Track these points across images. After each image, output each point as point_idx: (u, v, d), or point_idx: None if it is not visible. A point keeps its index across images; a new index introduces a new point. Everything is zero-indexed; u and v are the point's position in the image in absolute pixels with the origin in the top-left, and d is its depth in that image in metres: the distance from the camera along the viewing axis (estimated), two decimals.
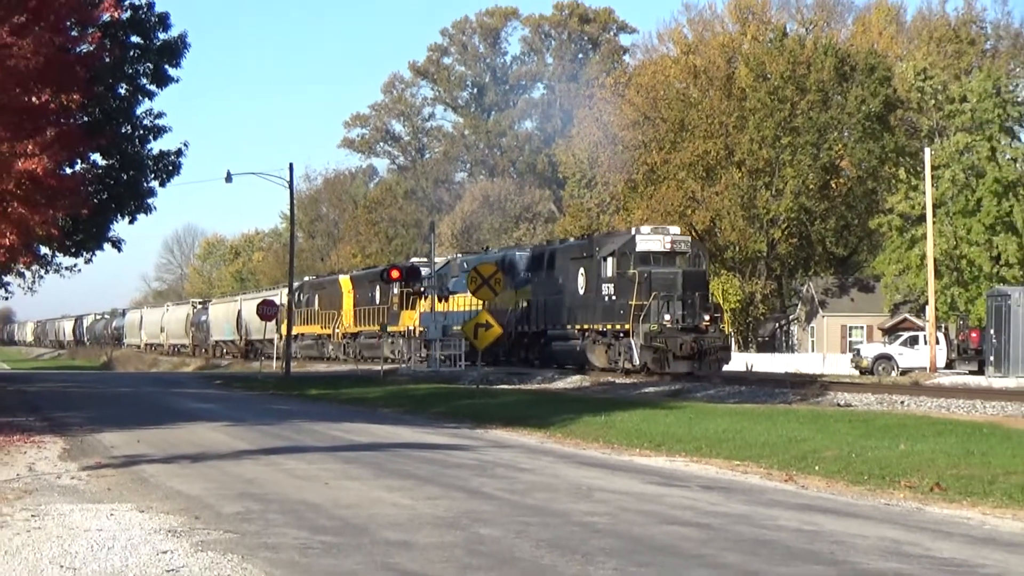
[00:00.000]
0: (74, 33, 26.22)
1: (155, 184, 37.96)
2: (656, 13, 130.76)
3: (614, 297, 32.12)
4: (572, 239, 45.06)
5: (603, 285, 32.89)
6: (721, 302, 50.08)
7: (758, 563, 8.93)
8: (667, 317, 30.65)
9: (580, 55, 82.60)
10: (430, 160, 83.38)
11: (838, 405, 26.91)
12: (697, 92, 57.28)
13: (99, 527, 11.07)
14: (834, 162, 56.23)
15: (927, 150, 44.80)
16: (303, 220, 71.54)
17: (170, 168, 37.73)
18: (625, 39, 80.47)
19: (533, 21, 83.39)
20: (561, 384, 38.30)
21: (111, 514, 12.08)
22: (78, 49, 26.67)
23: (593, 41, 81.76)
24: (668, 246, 32.38)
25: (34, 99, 22.33)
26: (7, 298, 55.60)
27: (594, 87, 68.69)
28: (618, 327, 31.54)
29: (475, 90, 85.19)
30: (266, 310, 51.97)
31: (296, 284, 56.52)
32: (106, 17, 28.99)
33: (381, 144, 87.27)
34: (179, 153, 37.62)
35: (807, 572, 8.76)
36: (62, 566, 8.94)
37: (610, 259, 32.52)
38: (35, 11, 21.16)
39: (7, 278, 39.05)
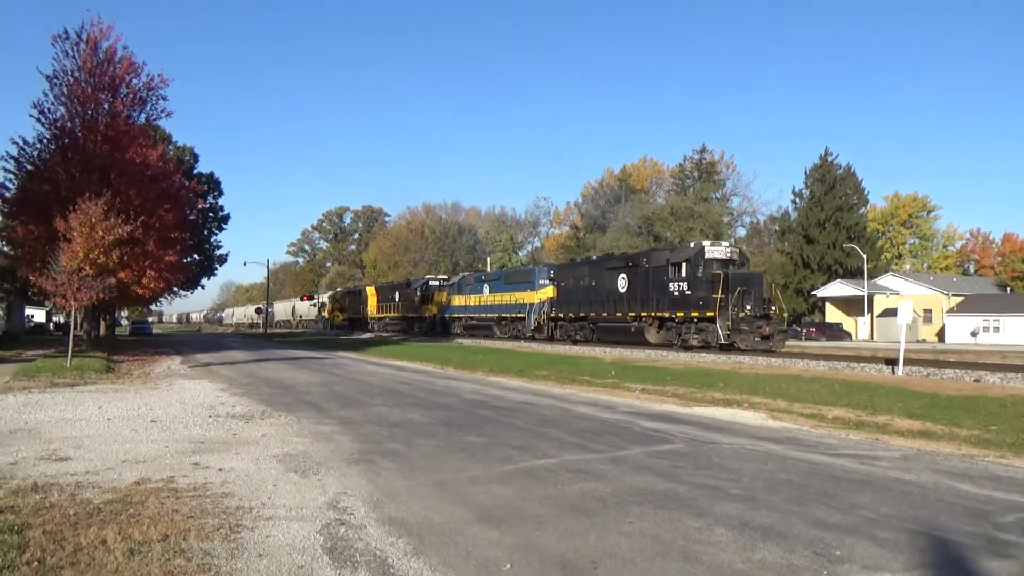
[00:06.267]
0: (188, 210, 37.29)
1: (217, 266, 67.09)
2: (398, 207, 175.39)
3: (688, 292, 30.36)
4: (595, 256, 45.22)
5: (671, 284, 31.13)
6: None
7: (433, 397, 15.99)
8: (748, 307, 28.71)
9: (373, 223, 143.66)
10: (318, 258, 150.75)
11: (460, 343, 42.19)
12: (413, 238, 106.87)
13: (195, 389, 17.48)
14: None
15: (487, 258, 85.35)
16: (273, 280, 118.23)
17: (222, 260, 67.41)
18: (387, 218, 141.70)
19: (356, 212, 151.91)
20: (366, 335, 59.01)
21: (199, 384, 18.56)
22: (189, 217, 39.37)
23: (376, 219, 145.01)
24: (728, 254, 30.78)
25: (172, 235, 31.50)
26: (159, 307, 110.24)
27: (377, 235, 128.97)
28: (694, 315, 29.90)
29: (334, 235, 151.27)
30: (259, 309, 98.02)
31: (340, 289, 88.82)
32: (201, 205, 47.33)
33: (302, 252, 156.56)
34: (227, 255, 67.99)
35: (446, 400, 15.59)
36: (181, 403, 15.27)
37: (684, 264, 30.67)
38: (173, 202, 31.04)
39: (161, 300, 66.62)
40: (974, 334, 61.12)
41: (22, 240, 30.16)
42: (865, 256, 65.42)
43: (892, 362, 21.73)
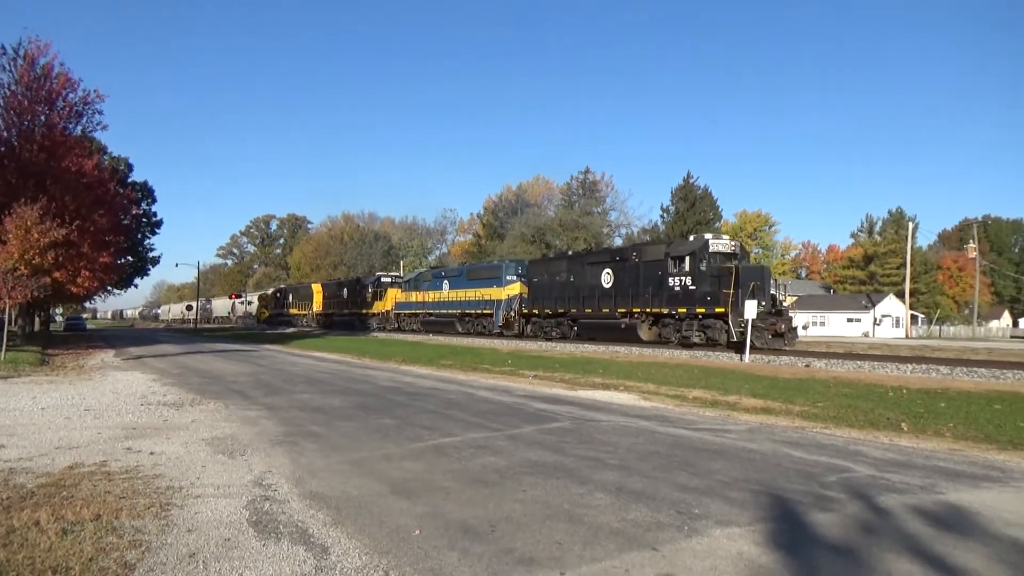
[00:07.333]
0: (122, 215, 35.69)
1: (150, 267, 63.39)
2: (320, 215, 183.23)
3: (691, 287, 25.18)
4: (571, 252, 38.15)
5: (669, 279, 25.88)
6: None
7: (351, 384, 15.66)
8: (763, 303, 23.61)
9: (297, 230, 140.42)
10: (246, 261, 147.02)
11: (376, 336, 41.71)
12: (334, 244, 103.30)
13: (127, 379, 16.41)
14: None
15: (401, 263, 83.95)
16: (204, 280, 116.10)
17: (155, 261, 63.84)
18: (310, 226, 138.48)
19: (281, 219, 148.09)
20: (291, 330, 55.89)
21: (131, 375, 17.39)
22: (124, 221, 36.86)
23: (300, 225, 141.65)
24: (731, 248, 25.67)
25: (106, 238, 29.77)
26: (93, 304, 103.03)
27: (300, 240, 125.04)
28: (699, 311, 24.82)
29: (260, 240, 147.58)
30: (189, 306, 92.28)
31: (284, 285, 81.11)
32: (134, 211, 44.80)
33: (231, 255, 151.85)
34: (159, 257, 64.01)
35: (362, 386, 15.07)
36: (114, 392, 14.40)
37: (687, 258, 25.44)
38: (107, 208, 29.45)
39: (96, 298, 59.62)
40: (804, 327, 63.89)
41: None
42: None
43: (740, 351, 22.14)
